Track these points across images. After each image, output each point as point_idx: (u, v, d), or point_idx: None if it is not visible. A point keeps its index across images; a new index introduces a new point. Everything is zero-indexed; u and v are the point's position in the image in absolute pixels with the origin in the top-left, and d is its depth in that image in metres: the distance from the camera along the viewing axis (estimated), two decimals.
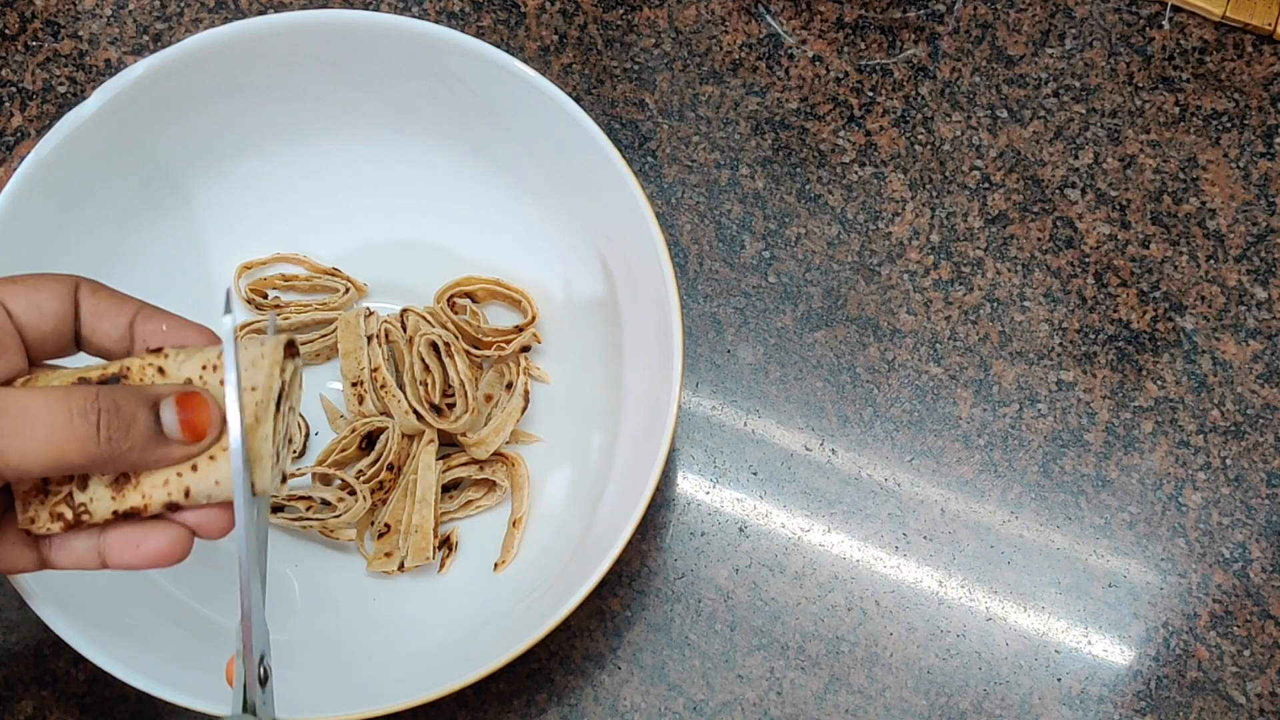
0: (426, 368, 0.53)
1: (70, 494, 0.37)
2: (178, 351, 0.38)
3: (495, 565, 0.52)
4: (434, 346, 0.53)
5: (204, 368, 0.37)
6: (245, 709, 0.37)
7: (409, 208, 0.56)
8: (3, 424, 0.35)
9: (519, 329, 0.54)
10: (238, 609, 0.40)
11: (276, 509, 0.53)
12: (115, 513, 0.37)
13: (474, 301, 0.55)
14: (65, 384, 0.37)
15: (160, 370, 0.37)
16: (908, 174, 0.58)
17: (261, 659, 0.37)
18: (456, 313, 0.54)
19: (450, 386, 0.53)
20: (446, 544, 0.53)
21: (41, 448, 0.35)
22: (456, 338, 0.54)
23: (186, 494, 0.37)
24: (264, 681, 0.37)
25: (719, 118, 0.59)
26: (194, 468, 0.37)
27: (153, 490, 0.37)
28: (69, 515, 0.37)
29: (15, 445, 0.35)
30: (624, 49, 0.60)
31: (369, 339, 0.53)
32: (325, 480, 0.53)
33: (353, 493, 0.52)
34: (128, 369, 0.37)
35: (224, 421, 0.37)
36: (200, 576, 0.52)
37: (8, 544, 0.39)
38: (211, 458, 0.37)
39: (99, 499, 0.37)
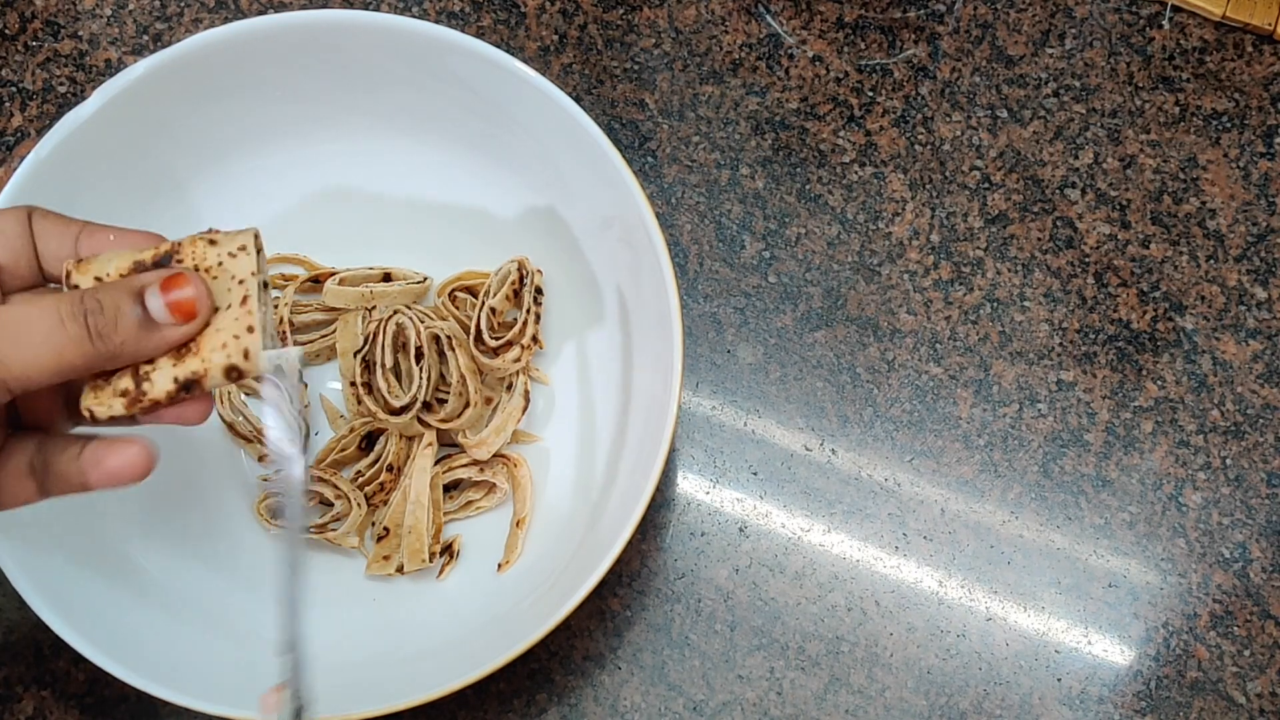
0: (419, 363, 0.53)
1: (136, 367, 0.37)
2: (224, 232, 0.39)
3: (499, 566, 0.52)
4: (435, 340, 0.53)
5: (241, 248, 0.38)
6: None
7: (409, 206, 0.56)
8: (2, 337, 0.36)
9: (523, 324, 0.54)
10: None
11: (277, 513, 0.53)
12: (176, 379, 0.37)
13: (474, 296, 0.55)
14: (117, 268, 0.38)
15: (211, 242, 0.38)
16: (908, 174, 0.58)
17: (296, 692, 0.38)
18: (458, 308, 0.54)
19: (445, 384, 0.53)
20: (449, 551, 0.53)
21: (40, 355, 0.36)
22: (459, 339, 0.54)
23: (246, 355, 0.38)
24: (299, 716, 0.38)
25: (719, 118, 0.59)
26: (249, 329, 0.38)
27: (211, 354, 0.37)
28: (132, 389, 0.37)
29: (15, 356, 0.36)
30: (624, 49, 0.60)
31: (366, 338, 0.53)
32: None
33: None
34: (179, 245, 0.38)
35: (212, 300, 0.37)
36: (200, 576, 0.52)
37: (10, 475, 0.39)
38: (251, 329, 0.38)
39: (160, 367, 0.37)
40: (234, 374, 0.38)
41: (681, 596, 0.54)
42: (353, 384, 0.53)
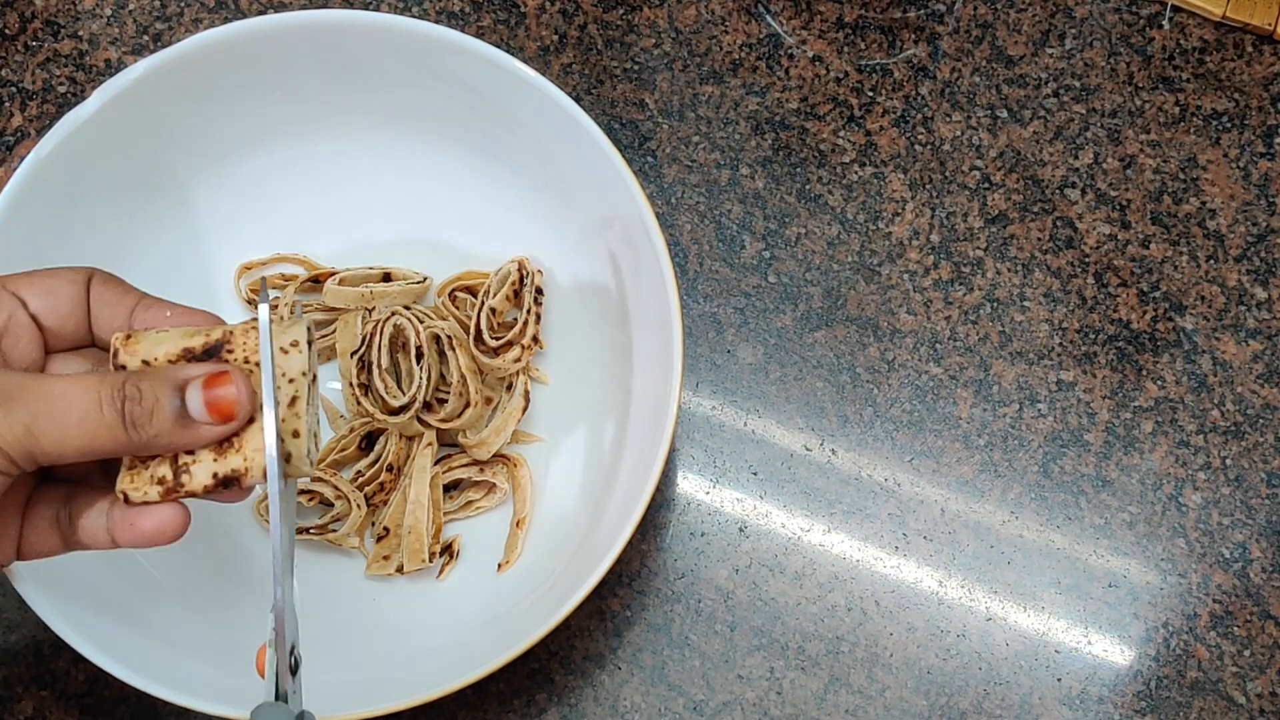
0: (419, 362, 0.53)
1: (176, 455, 0.37)
2: (280, 320, 0.38)
3: (499, 566, 0.52)
4: (436, 340, 0.53)
5: (294, 343, 0.38)
6: (277, 697, 0.37)
7: (409, 206, 0.56)
8: (38, 409, 0.36)
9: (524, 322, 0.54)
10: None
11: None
12: (215, 475, 0.37)
13: (474, 296, 0.55)
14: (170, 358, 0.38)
15: (308, 340, 0.38)
16: (908, 174, 0.58)
17: (293, 648, 0.38)
18: (458, 308, 0.54)
19: (445, 384, 0.53)
20: (449, 551, 0.53)
21: (73, 433, 0.36)
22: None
23: (289, 459, 0.38)
24: (294, 670, 0.38)
25: (719, 118, 0.59)
26: (295, 434, 0.38)
27: (254, 454, 0.37)
28: (170, 479, 0.37)
29: (50, 430, 0.36)
30: (624, 49, 0.60)
31: (363, 339, 0.53)
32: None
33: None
34: (231, 334, 0.38)
35: (255, 401, 0.37)
36: (201, 577, 0.52)
37: (35, 528, 0.39)
38: (297, 434, 0.38)
39: (201, 460, 0.37)
40: (295, 471, 0.38)
41: (681, 596, 0.54)
42: (351, 384, 0.53)
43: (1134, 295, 0.57)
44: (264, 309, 0.38)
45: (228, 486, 0.38)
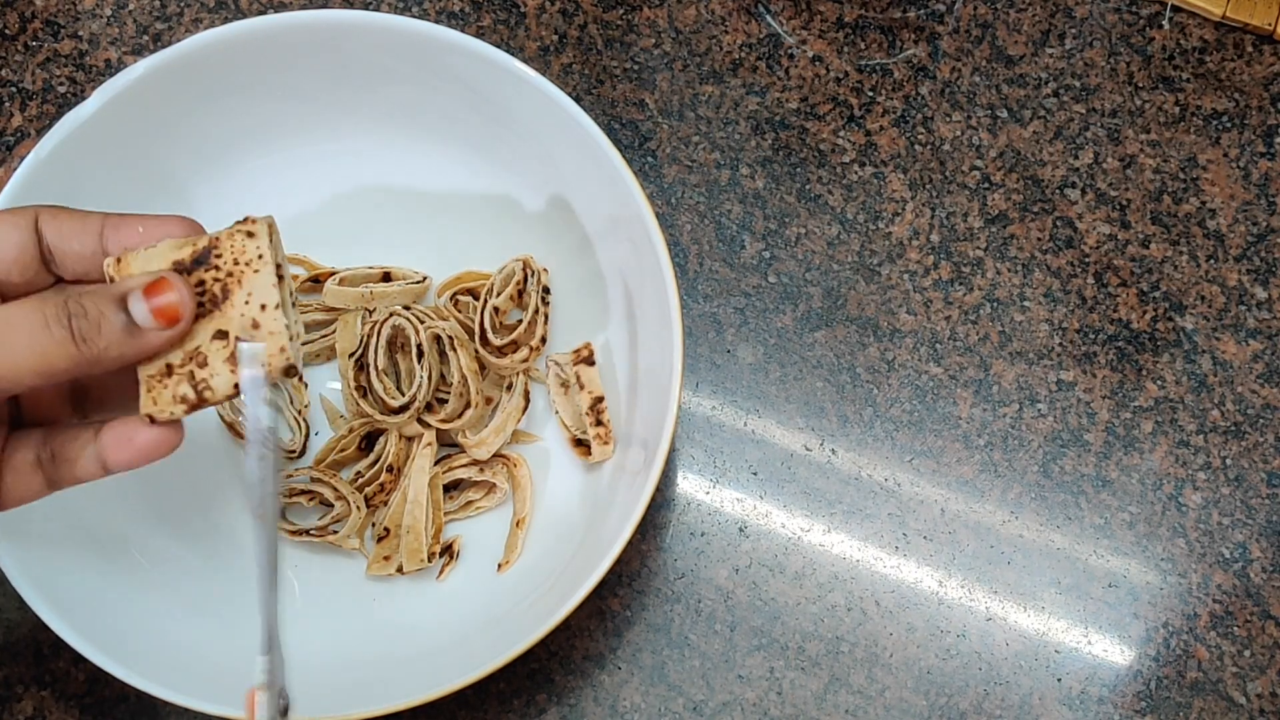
0: (419, 360, 0.53)
1: (191, 372, 0.37)
2: (257, 220, 0.39)
3: (499, 566, 0.52)
4: (436, 340, 0.53)
5: (259, 256, 0.38)
6: None
7: (409, 206, 0.56)
8: None
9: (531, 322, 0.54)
10: (245, 620, 0.40)
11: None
12: (235, 385, 0.37)
13: (475, 299, 0.55)
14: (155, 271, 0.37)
15: (250, 235, 0.38)
16: (908, 174, 0.58)
17: (282, 691, 0.38)
18: (459, 310, 0.54)
19: (445, 384, 0.53)
20: (449, 551, 0.53)
21: (24, 356, 0.36)
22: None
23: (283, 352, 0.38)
24: (284, 714, 0.38)
25: (719, 118, 0.59)
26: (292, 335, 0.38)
27: (271, 359, 0.38)
28: (192, 395, 0.37)
29: (2, 359, 0.36)
30: (624, 49, 0.60)
31: (361, 340, 0.53)
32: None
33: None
34: (217, 239, 0.38)
35: (193, 301, 0.37)
36: (200, 576, 0.52)
37: (15, 473, 0.39)
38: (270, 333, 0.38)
39: (219, 371, 0.37)
40: (292, 372, 0.38)
41: (681, 596, 0.54)
42: (350, 386, 0.53)
43: (1134, 295, 0.57)
44: (246, 372, 0.38)
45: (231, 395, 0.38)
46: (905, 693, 0.53)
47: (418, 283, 0.54)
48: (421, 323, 0.53)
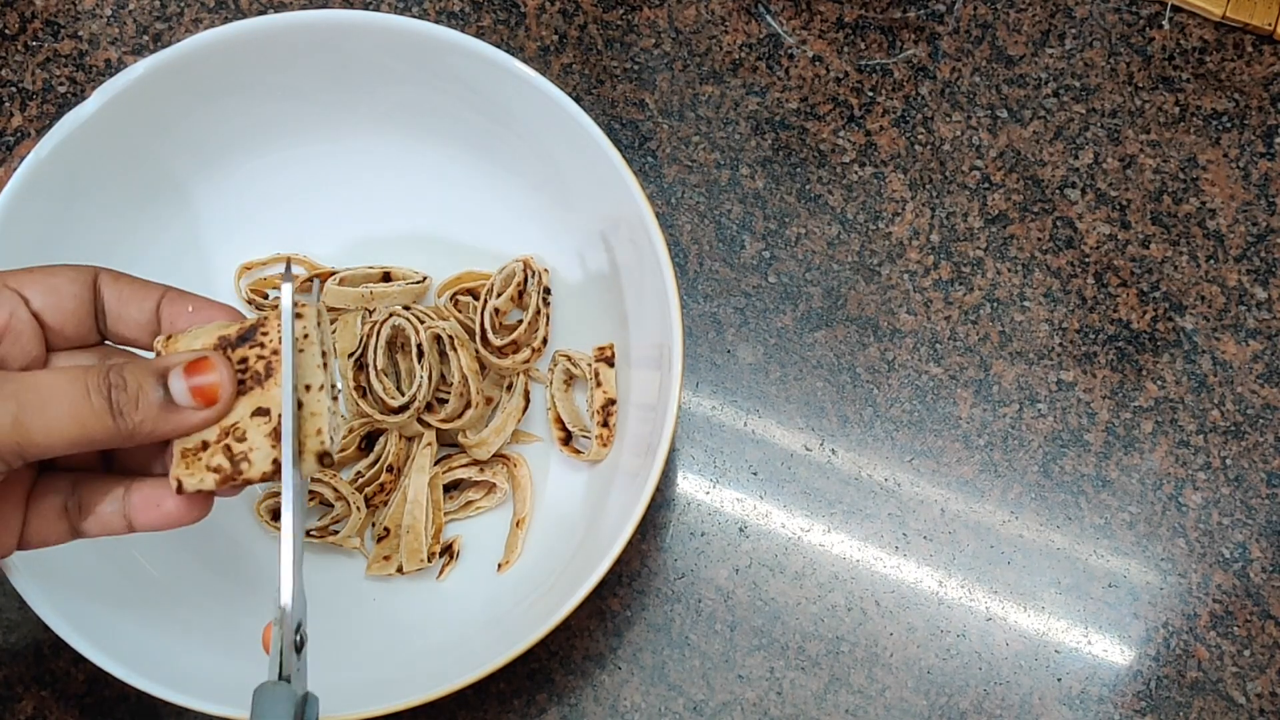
0: (419, 359, 0.53)
1: (228, 446, 0.38)
2: (307, 303, 0.39)
3: (499, 566, 0.52)
4: (436, 340, 0.53)
5: (305, 334, 0.39)
6: (280, 677, 0.37)
7: (409, 206, 0.56)
8: (28, 402, 0.36)
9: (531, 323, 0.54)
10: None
11: (278, 514, 0.53)
12: (275, 460, 0.38)
13: (475, 299, 0.55)
14: (206, 344, 0.38)
15: (298, 316, 0.39)
16: (908, 174, 0.58)
17: (299, 626, 0.38)
18: (460, 310, 0.54)
19: (445, 384, 0.53)
20: (449, 551, 0.53)
21: (63, 424, 0.36)
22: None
23: (334, 440, 0.38)
24: (299, 649, 0.38)
25: (719, 118, 0.59)
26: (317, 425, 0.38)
27: (306, 439, 0.38)
28: (227, 467, 0.38)
29: (39, 423, 0.36)
30: (624, 49, 0.60)
31: (360, 341, 0.53)
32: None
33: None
34: (265, 319, 0.39)
35: (233, 384, 0.38)
36: (201, 576, 0.52)
37: (41, 517, 0.40)
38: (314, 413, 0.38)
39: (258, 446, 0.38)
40: (327, 460, 0.38)
41: (681, 596, 0.54)
42: (350, 386, 0.53)
43: (1134, 295, 0.57)
44: (286, 289, 0.38)
45: (267, 478, 0.38)
46: (905, 693, 0.53)
47: (418, 283, 0.55)
48: (421, 323, 0.53)
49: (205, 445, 0.38)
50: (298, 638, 0.37)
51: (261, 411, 0.38)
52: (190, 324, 0.40)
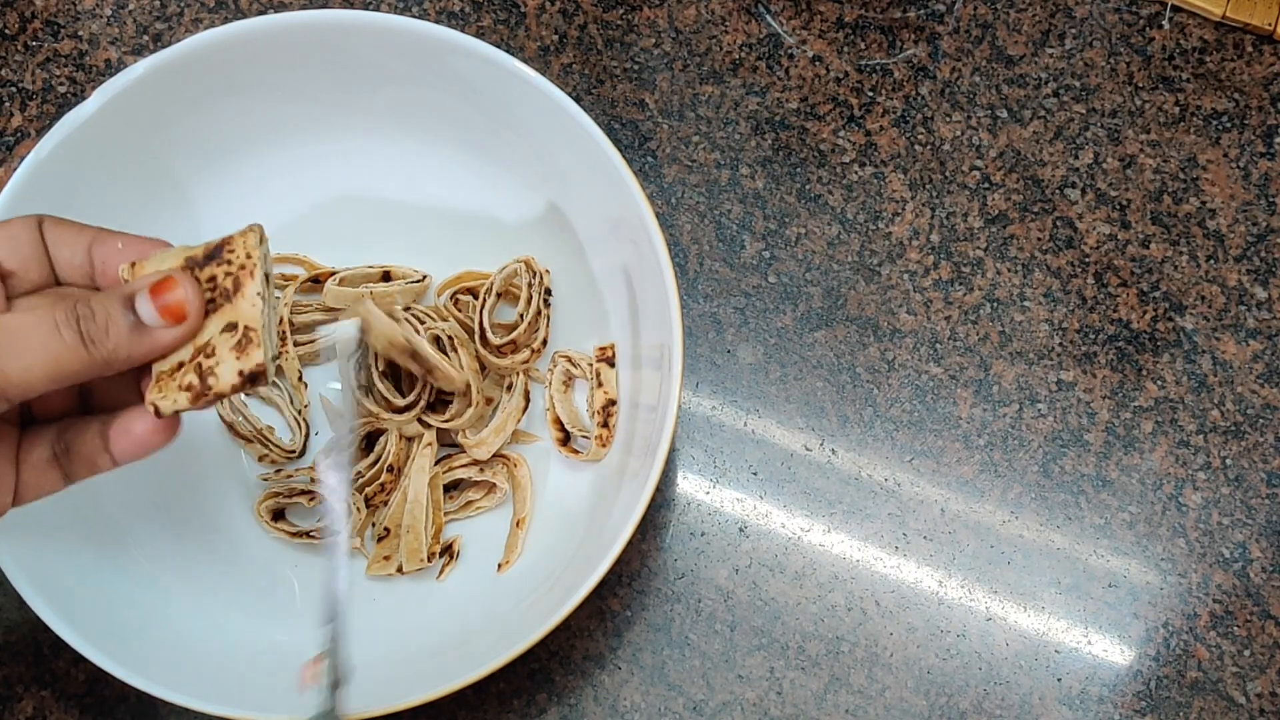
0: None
1: (199, 363, 0.38)
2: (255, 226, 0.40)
3: (499, 566, 0.52)
4: (437, 340, 0.53)
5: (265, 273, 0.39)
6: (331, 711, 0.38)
7: (408, 206, 0.56)
8: (1, 344, 0.36)
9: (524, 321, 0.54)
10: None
11: (278, 515, 0.53)
12: (240, 373, 0.38)
13: (475, 299, 0.55)
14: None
15: (261, 239, 0.39)
16: (908, 174, 0.58)
17: (340, 664, 0.39)
18: (460, 310, 0.54)
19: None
20: (449, 551, 0.53)
21: (39, 360, 0.37)
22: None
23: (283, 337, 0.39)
24: (337, 686, 0.38)
25: (719, 118, 0.59)
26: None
27: (270, 346, 0.38)
28: (197, 384, 0.38)
29: (15, 363, 0.36)
30: (624, 49, 0.60)
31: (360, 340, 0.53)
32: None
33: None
34: (229, 238, 0.39)
35: (200, 298, 0.38)
36: (200, 576, 0.52)
37: (31, 468, 0.40)
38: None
39: (224, 360, 0.38)
40: (277, 369, 0.38)
41: (681, 596, 0.54)
42: (351, 386, 0.53)
43: (1134, 295, 0.57)
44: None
45: (254, 383, 0.38)
46: (905, 693, 0.53)
47: (417, 282, 0.55)
48: (421, 323, 0.53)
49: (180, 366, 0.38)
50: (336, 677, 0.38)
51: (230, 327, 0.38)
52: (122, 260, 0.40)
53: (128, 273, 0.39)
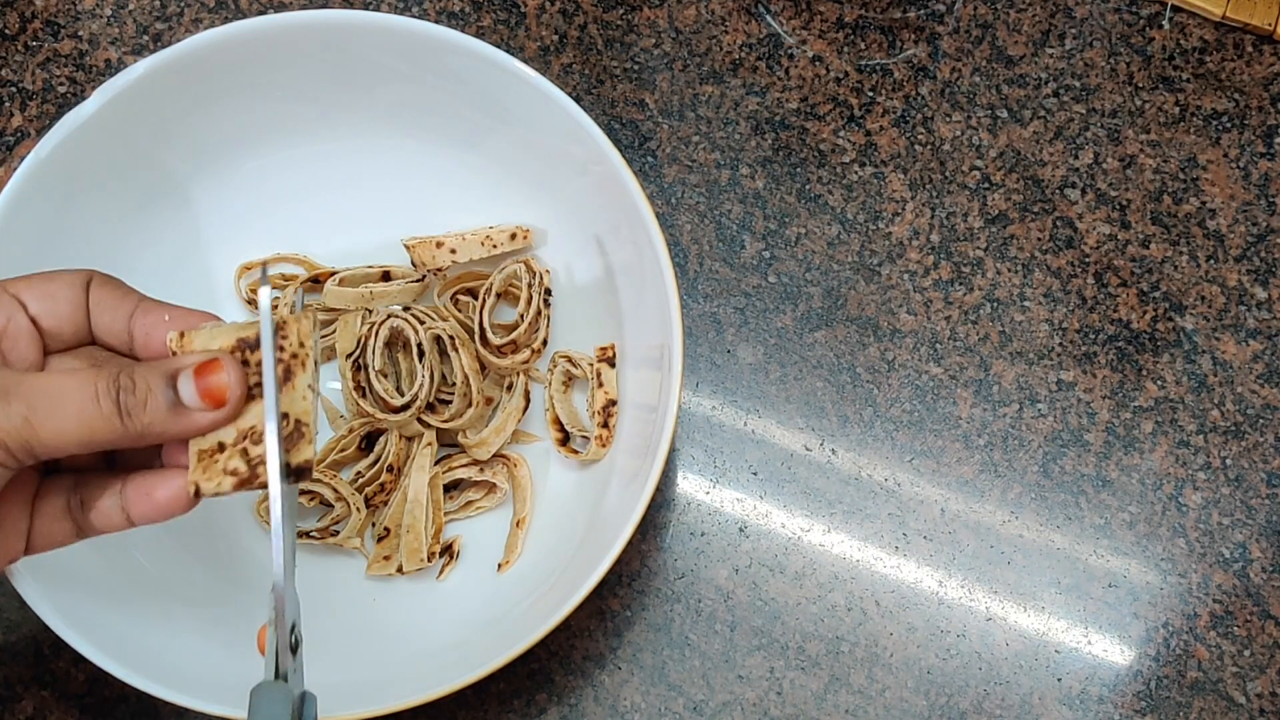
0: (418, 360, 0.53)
1: (245, 449, 0.38)
2: (311, 310, 0.39)
3: (499, 566, 0.52)
4: (437, 340, 0.53)
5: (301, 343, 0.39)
6: (276, 676, 0.37)
7: (408, 206, 0.56)
8: (37, 405, 0.36)
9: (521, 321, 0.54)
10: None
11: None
12: (289, 465, 0.38)
13: (475, 298, 0.55)
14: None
15: (315, 324, 0.39)
16: (908, 174, 0.58)
17: (293, 627, 0.38)
18: (460, 310, 0.54)
19: (446, 383, 0.53)
20: (449, 551, 0.53)
21: (71, 425, 0.37)
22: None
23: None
24: (294, 649, 0.38)
25: (719, 118, 0.59)
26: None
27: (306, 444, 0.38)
28: (244, 470, 0.38)
29: (49, 425, 0.36)
30: (624, 49, 0.60)
31: (359, 342, 0.53)
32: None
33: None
34: (285, 321, 0.39)
35: (243, 385, 0.38)
36: (200, 576, 0.52)
37: (45, 518, 0.40)
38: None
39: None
40: (307, 469, 0.39)
41: (681, 596, 0.54)
42: (350, 386, 0.53)
43: (1134, 295, 0.57)
44: (265, 293, 0.38)
45: (300, 478, 0.38)
46: (905, 693, 0.53)
47: (417, 281, 0.55)
48: (421, 323, 0.53)
49: (222, 447, 0.38)
50: (293, 638, 0.38)
51: (280, 416, 0.38)
52: (167, 330, 0.40)
53: (176, 344, 0.39)
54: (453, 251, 0.52)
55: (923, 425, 0.55)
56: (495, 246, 0.52)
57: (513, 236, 0.53)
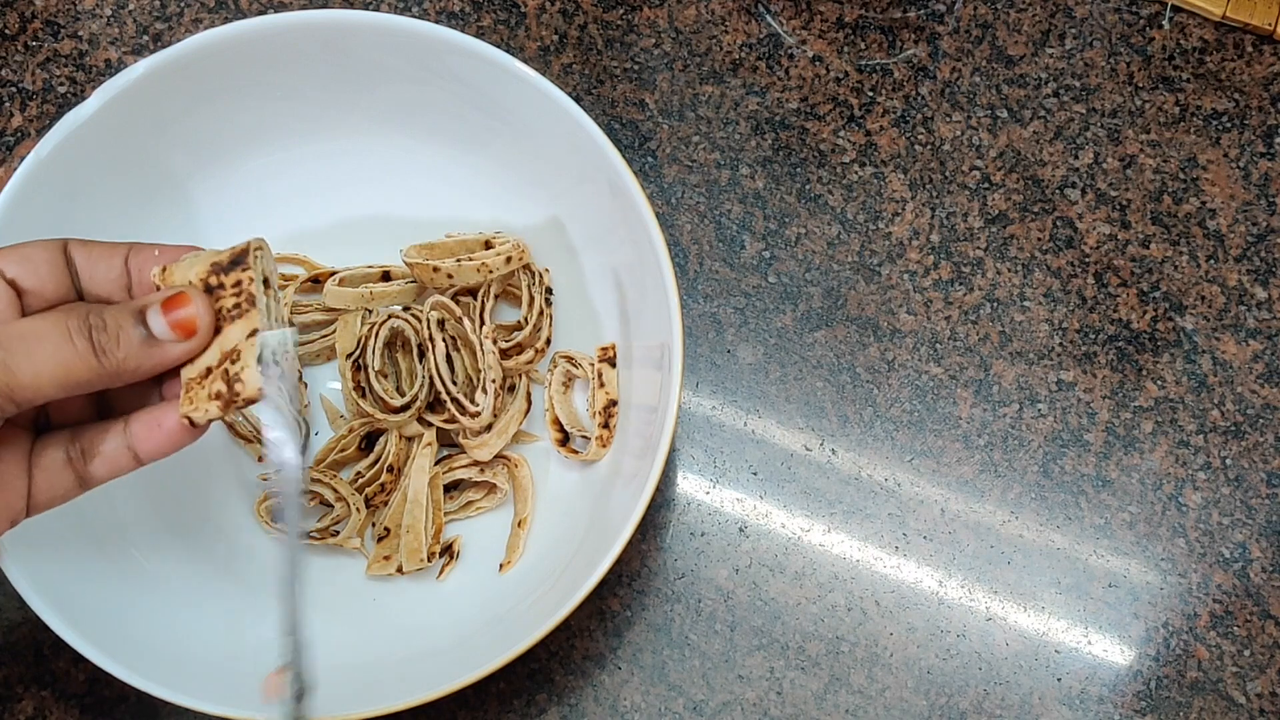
0: (420, 360, 0.53)
1: (225, 369, 0.39)
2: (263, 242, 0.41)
3: (501, 566, 0.52)
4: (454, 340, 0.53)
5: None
6: None
7: (408, 206, 0.56)
8: (13, 348, 0.37)
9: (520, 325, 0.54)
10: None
11: (278, 515, 0.53)
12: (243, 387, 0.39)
13: (474, 298, 0.55)
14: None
15: (259, 248, 0.40)
16: (908, 174, 0.58)
17: (299, 674, 0.39)
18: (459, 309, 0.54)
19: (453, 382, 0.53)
20: (449, 551, 0.53)
21: (47, 366, 0.37)
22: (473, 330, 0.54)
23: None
24: (301, 697, 0.38)
25: (719, 118, 0.59)
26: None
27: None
28: (225, 391, 0.38)
29: (26, 366, 0.37)
30: (624, 49, 0.60)
31: (358, 343, 0.53)
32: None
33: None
34: (251, 244, 0.40)
35: (210, 314, 0.39)
36: (201, 577, 0.52)
37: (45, 472, 0.41)
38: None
39: (249, 366, 0.38)
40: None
41: (681, 596, 0.54)
42: (350, 386, 0.53)
43: (1134, 295, 0.57)
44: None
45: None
46: (905, 693, 0.53)
47: (417, 281, 0.55)
48: (421, 323, 0.53)
49: (209, 371, 0.39)
50: (298, 687, 0.38)
51: (255, 333, 0.39)
52: (158, 264, 0.41)
53: (159, 277, 0.40)
54: (450, 276, 0.52)
55: (923, 425, 0.55)
56: (491, 272, 0.52)
57: (508, 260, 0.53)
